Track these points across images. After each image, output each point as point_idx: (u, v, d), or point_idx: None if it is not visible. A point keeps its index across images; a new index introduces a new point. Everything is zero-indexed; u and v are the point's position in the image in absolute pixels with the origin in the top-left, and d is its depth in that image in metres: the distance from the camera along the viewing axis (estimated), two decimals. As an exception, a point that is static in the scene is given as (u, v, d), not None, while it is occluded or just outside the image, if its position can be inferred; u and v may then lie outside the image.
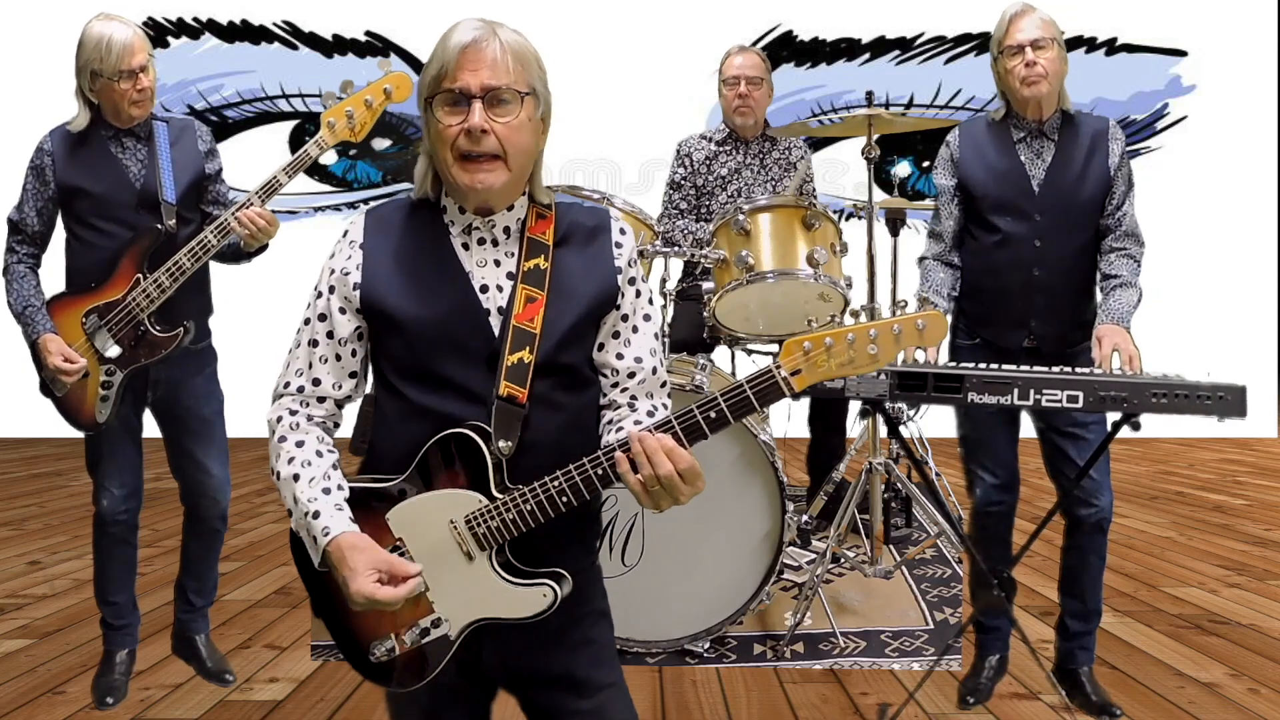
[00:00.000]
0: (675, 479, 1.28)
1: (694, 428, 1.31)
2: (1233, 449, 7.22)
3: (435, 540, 1.36)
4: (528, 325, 1.36)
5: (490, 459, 1.34)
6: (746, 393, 1.31)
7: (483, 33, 1.33)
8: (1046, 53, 2.42)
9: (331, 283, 1.41)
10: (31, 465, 6.65)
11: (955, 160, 2.59)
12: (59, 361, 2.48)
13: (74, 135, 2.54)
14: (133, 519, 2.73)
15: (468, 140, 1.32)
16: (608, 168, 7.10)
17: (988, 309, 2.57)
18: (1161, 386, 2.00)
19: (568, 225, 1.43)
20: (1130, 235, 2.50)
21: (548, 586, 1.34)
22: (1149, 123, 7.58)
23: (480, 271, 1.39)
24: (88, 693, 2.72)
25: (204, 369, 2.72)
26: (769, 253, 3.12)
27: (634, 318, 1.45)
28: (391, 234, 1.42)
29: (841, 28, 7.56)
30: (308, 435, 1.41)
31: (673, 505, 1.31)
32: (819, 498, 3.47)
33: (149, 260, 2.50)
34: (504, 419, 1.34)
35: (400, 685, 1.41)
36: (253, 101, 7.56)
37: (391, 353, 1.40)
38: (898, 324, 1.32)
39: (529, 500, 1.32)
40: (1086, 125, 2.52)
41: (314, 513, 1.34)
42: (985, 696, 2.67)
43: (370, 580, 1.31)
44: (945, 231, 2.61)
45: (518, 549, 1.36)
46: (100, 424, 2.55)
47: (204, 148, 2.67)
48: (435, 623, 1.36)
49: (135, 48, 2.46)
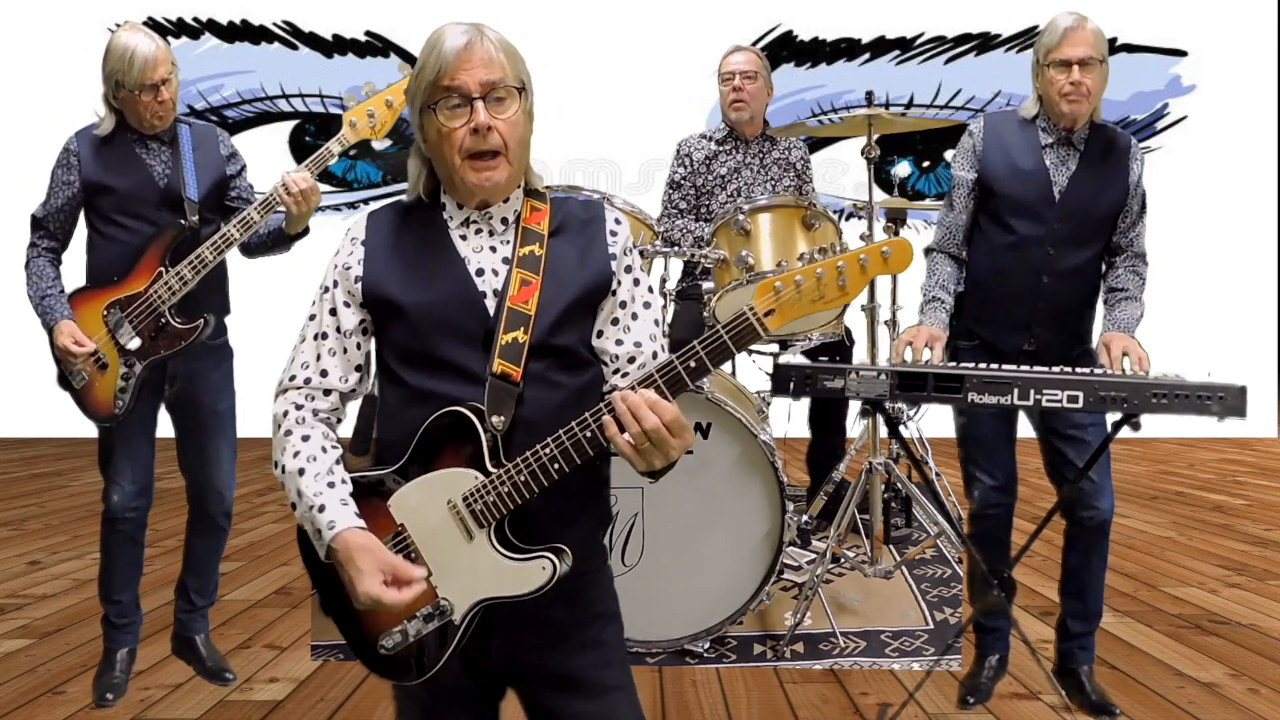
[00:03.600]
0: (662, 431, 1.28)
1: (675, 379, 1.32)
2: (1233, 449, 7.22)
3: (436, 522, 1.36)
4: (522, 306, 1.38)
5: (485, 436, 1.35)
6: (723, 337, 1.32)
7: (472, 34, 1.37)
8: (1092, 72, 2.39)
9: (335, 278, 1.45)
10: (31, 465, 6.65)
11: (978, 153, 2.56)
12: (68, 342, 2.50)
13: (100, 138, 2.59)
14: (142, 517, 2.74)
15: (474, 138, 1.36)
16: (608, 168, 7.11)
17: (991, 310, 2.56)
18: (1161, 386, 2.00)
19: (563, 216, 1.47)
20: (1139, 256, 2.54)
21: (546, 559, 1.35)
22: (1149, 123, 7.58)
23: (476, 257, 1.42)
24: (88, 693, 2.72)
25: (221, 364, 2.76)
26: (769, 253, 3.12)
27: (633, 304, 1.46)
28: (392, 230, 1.46)
29: (841, 28, 7.57)
30: (313, 430, 1.42)
31: (665, 463, 1.32)
32: (819, 498, 3.47)
33: (171, 255, 2.54)
34: (497, 396, 1.36)
35: (407, 678, 1.41)
36: (253, 101, 7.57)
37: (393, 340, 1.42)
38: (864, 254, 1.32)
39: (522, 471, 1.33)
40: (1113, 140, 2.52)
41: (319, 506, 1.36)
42: (985, 696, 2.67)
43: (377, 582, 1.32)
44: (956, 224, 2.59)
45: (519, 531, 1.37)
46: (117, 415, 2.57)
47: (225, 152, 2.74)
48: (439, 608, 1.37)
49: (158, 61, 2.51)
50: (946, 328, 2.51)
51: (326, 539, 1.34)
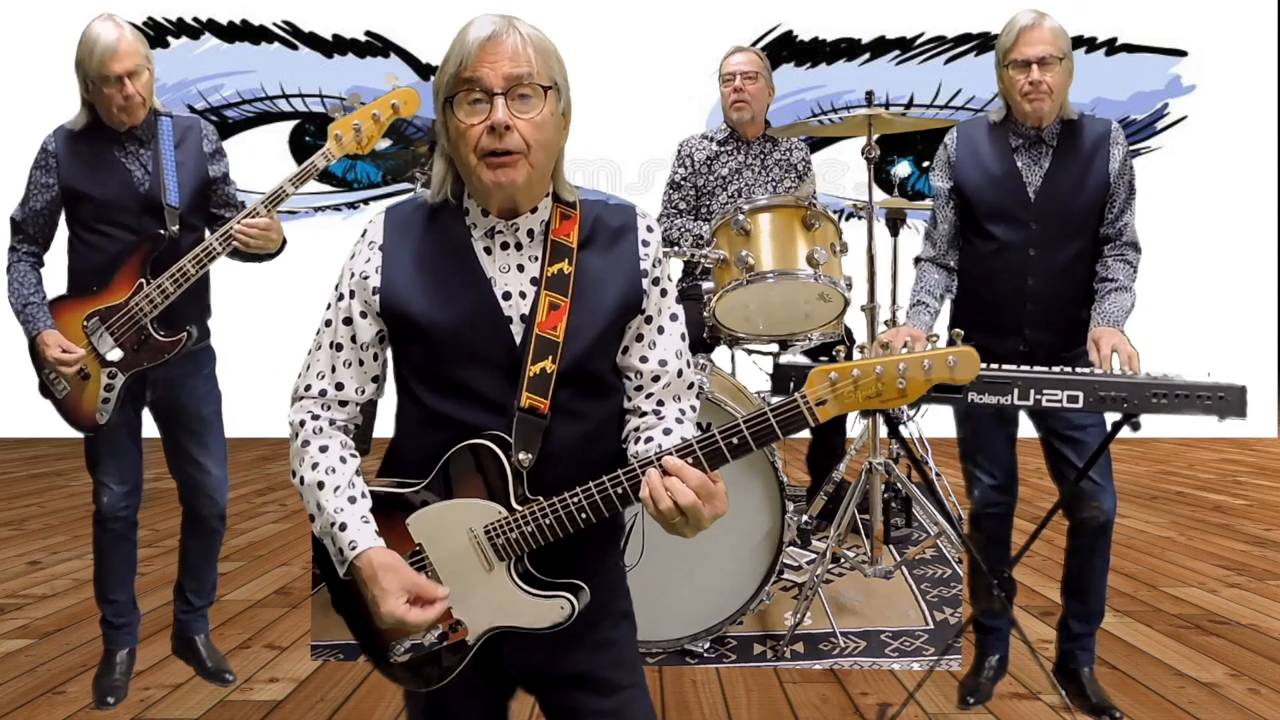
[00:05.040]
0: (698, 508, 1.24)
1: (715, 454, 1.28)
2: (1233, 449, 7.21)
3: (454, 548, 1.35)
4: (550, 334, 1.33)
5: (510, 470, 1.32)
6: (770, 421, 1.28)
7: (500, 26, 1.29)
8: (1052, 70, 2.37)
9: (351, 286, 1.39)
10: (31, 465, 6.65)
11: (952, 163, 2.58)
12: (57, 352, 2.46)
13: (77, 136, 2.52)
14: (132, 515, 2.73)
15: (491, 137, 1.28)
16: (608, 168, 7.11)
17: (982, 315, 2.56)
18: (1161, 386, 2.00)
19: (592, 224, 1.40)
20: (1130, 244, 2.49)
21: (565, 599, 1.34)
22: (1149, 123, 7.58)
23: (503, 278, 1.36)
24: (88, 693, 2.72)
25: (202, 369, 2.72)
26: (769, 253, 3.11)
27: (659, 319, 1.42)
28: (412, 236, 1.38)
29: (841, 28, 7.56)
30: (331, 440, 1.39)
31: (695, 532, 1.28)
32: (819, 498, 3.47)
33: (152, 265, 2.50)
34: (525, 430, 1.32)
35: (419, 685, 1.41)
36: (253, 101, 7.56)
37: (411, 357, 1.39)
38: (929, 359, 1.25)
39: (548, 515, 1.31)
40: (1087, 130, 2.49)
41: (340, 524, 1.33)
42: (985, 696, 2.67)
43: (401, 602, 1.30)
44: (941, 234, 2.60)
45: (537, 554, 1.36)
46: (101, 426, 2.56)
47: (209, 149, 2.64)
48: (454, 627, 1.36)
49: (120, 53, 2.40)
50: (929, 329, 2.51)
51: (349, 558, 1.32)
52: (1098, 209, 2.48)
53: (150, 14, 7.30)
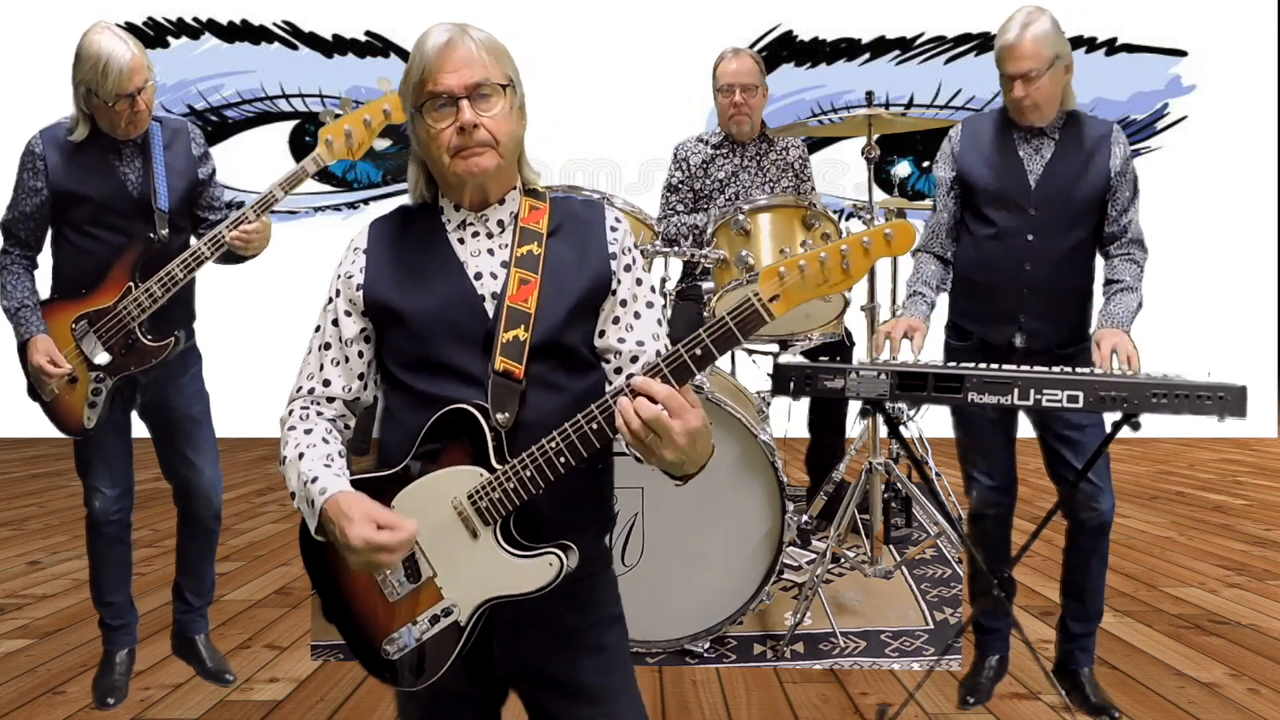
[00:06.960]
0: (662, 418, 1.23)
1: (681, 367, 1.29)
2: (1233, 449, 7.22)
3: (440, 522, 1.36)
4: (521, 305, 1.38)
5: (489, 433, 1.35)
6: (729, 324, 1.30)
7: (455, 34, 1.38)
8: (1035, 83, 2.40)
9: (339, 287, 1.46)
10: (31, 465, 6.65)
11: (955, 154, 2.60)
12: (43, 361, 2.46)
13: (70, 141, 2.50)
14: (125, 518, 2.73)
15: (461, 137, 1.36)
16: (608, 168, 7.10)
17: (979, 303, 2.57)
18: (1161, 386, 2.00)
19: (561, 215, 1.46)
20: (1135, 242, 2.51)
21: (553, 555, 1.34)
22: (1149, 123, 7.58)
23: (474, 261, 1.43)
24: (88, 693, 2.73)
25: (188, 370, 2.72)
26: (769, 253, 3.12)
27: (634, 303, 1.45)
28: (392, 236, 1.47)
29: (841, 28, 7.56)
30: (316, 424, 1.43)
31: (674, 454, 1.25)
32: (819, 498, 3.47)
33: (141, 269, 2.50)
34: (500, 393, 1.36)
35: (412, 683, 1.40)
36: (253, 101, 7.56)
37: (395, 346, 1.43)
38: (867, 237, 1.31)
39: (528, 466, 1.32)
40: (1089, 127, 2.52)
41: (313, 478, 1.35)
42: (985, 696, 2.67)
43: (370, 527, 1.29)
44: (940, 224, 2.62)
45: (524, 533, 1.36)
46: (88, 430, 2.55)
47: (197, 152, 2.65)
48: (445, 610, 1.36)
49: (134, 70, 2.39)
50: (927, 319, 2.53)
51: (319, 505, 1.33)
52: (1098, 202, 2.50)
53: (150, 14, 7.29)
